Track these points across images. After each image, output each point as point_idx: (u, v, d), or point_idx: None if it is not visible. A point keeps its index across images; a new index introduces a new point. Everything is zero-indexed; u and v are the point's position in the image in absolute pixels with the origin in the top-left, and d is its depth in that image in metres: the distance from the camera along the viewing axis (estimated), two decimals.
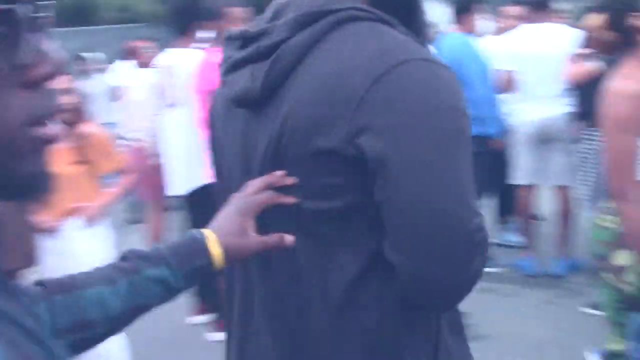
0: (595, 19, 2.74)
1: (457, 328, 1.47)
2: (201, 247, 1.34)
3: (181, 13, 4.89)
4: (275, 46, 1.34)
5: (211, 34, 4.88)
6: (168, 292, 1.32)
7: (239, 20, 4.12)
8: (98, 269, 1.32)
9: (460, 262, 1.27)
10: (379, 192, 1.26)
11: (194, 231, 1.38)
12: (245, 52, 1.41)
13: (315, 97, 1.28)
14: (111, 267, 1.32)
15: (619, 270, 2.60)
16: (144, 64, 6.81)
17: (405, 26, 1.37)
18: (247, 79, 1.38)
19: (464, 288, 1.31)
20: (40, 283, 1.26)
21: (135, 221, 8.66)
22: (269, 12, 1.45)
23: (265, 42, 1.37)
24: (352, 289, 1.33)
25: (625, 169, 2.34)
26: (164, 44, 5.68)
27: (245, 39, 1.43)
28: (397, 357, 1.36)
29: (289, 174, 1.33)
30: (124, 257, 1.33)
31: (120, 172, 4.37)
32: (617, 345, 2.82)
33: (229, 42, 1.50)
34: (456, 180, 1.25)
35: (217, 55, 3.95)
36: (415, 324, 1.37)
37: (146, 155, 6.01)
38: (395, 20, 1.36)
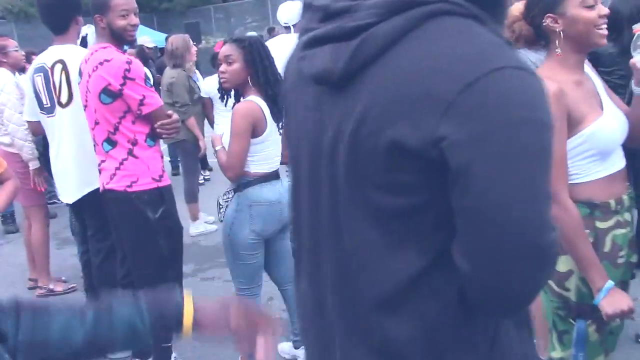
0: (516, 9, 2.74)
1: (522, 322, 1.48)
2: (176, 309, 1.44)
3: (59, 7, 4.57)
4: (362, 29, 1.29)
5: (89, 29, 4.64)
6: (133, 335, 1.36)
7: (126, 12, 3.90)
8: (73, 301, 1.38)
9: (527, 277, 1.27)
10: (457, 199, 1.25)
11: (175, 293, 1.46)
12: (327, 28, 1.36)
13: (402, 92, 1.24)
14: (86, 301, 1.40)
15: (561, 276, 2.60)
16: (12, 65, 6.41)
17: (491, 16, 1.33)
18: (328, 58, 1.34)
19: (526, 300, 1.33)
20: (14, 300, 1.34)
21: (10, 231, 8.32)
22: None
23: (350, 22, 1.32)
24: (414, 282, 1.33)
25: (554, 171, 2.34)
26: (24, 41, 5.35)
27: (327, 13, 1.39)
28: (454, 346, 1.37)
29: (361, 164, 1.32)
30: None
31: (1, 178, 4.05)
32: (557, 354, 2.82)
33: (309, 12, 1.46)
34: (535, 196, 1.23)
35: (106, 52, 3.85)
36: (473, 317, 1.37)
37: (22, 160, 5.72)
38: (486, 15, 1.31)
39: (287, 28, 6.08)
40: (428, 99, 1.21)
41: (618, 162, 2.63)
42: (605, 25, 2.55)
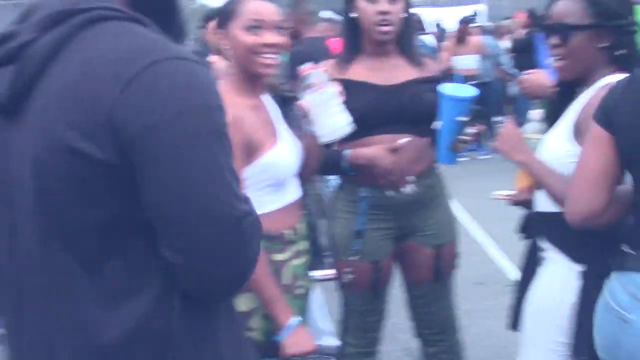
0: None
1: (233, 323, 1.54)
2: None
3: None
4: (22, 48, 1.29)
5: None
6: None
7: None
8: None
9: (233, 248, 1.33)
10: (147, 195, 1.28)
11: None
12: None
13: (70, 102, 1.25)
14: None
15: (243, 316, 2.39)
16: None
17: (162, 27, 1.38)
18: None
19: (242, 273, 1.38)
20: None
21: None
22: (21, 14, 1.38)
23: (12, 44, 1.31)
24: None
25: None
26: None
27: None
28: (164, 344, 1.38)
29: (52, 184, 1.30)
30: None
31: None
32: None
33: None
34: (217, 173, 1.30)
35: None
36: (184, 314, 1.39)
37: None
38: (148, 19, 1.35)
39: None
40: (94, 105, 1.23)
41: (293, 192, 2.62)
42: (271, 55, 2.47)
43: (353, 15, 2.93)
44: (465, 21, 11.60)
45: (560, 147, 2.40)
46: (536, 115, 2.78)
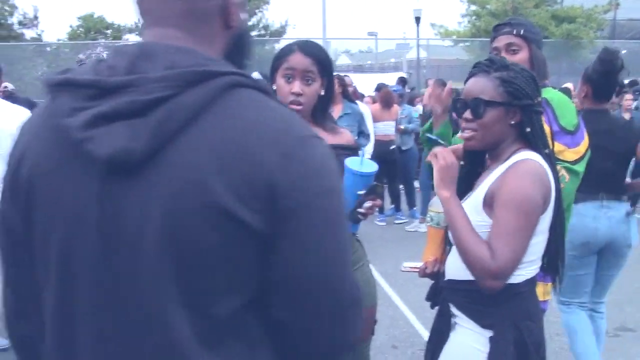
0: None
1: None
2: None
3: None
4: (155, 103, 1.25)
5: None
6: None
7: None
8: None
9: (348, 327, 1.40)
10: (281, 265, 1.31)
11: None
12: (114, 104, 1.26)
13: (220, 166, 1.25)
14: None
15: None
16: None
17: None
18: (126, 136, 1.24)
19: (346, 348, 1.44)
20: None
21: None
22: (116, 60, 1.33)
23: (140, 96, 1.25)
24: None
25: None
26: None
27: (101, 89, 1.28)
28: None
29: (185, 241, 1.26)
30: None
31: None
32: None
33: (66, 91, 1.32)
34: (348, 254, 1.41)
35: None
36: None
37: None
38: (270, 88, 1.42)
39: None
40: (253, 171, 1.25)
41: None
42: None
43: (274, 87, 3.06)
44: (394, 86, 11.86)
45: (472, 218, 2.50)
46: None
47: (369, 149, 9.31)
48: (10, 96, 8.42)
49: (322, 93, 3.07)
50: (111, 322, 1.32)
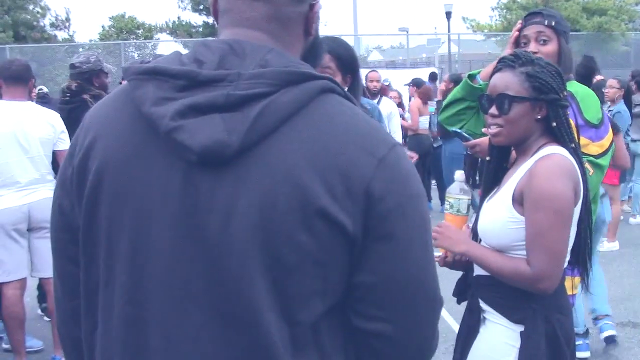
0: None
1: None
2: None
3: None
4: (251, 98, 1.25)
5: None
6: None
7: None
8: None
9: (432, 326, 1.43)
10: (369, 269, 1.32)
11: None
12: (209, 96, 1.26)
13: (318, 166, 1.26)
14: None
15: None
16: None
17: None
18: (220, 129, 1.24)
19: (430, 352, 1.45)
20: None
21: None
22: (204, 55, 1.33)
23: (235, 90, 1.26)
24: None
25: None
26: None
27: (194, 81, 1.28)
28: None
29: (282, 240, 1.26)
30: None
31: None
32: None
33: (154, 80, 1.31)
34: (433, 256, 1.41)
35: None
36: None
37: None
38: (352, 97, 1.43)
39: None
40: (352, 174, 1.27)
41: None
42: None
43: None
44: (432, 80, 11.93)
45: (501, 214, 2.52)
46: (460, 176, 2.88)
47: None
48: (43, 98, 8.50)
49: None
50: (190, 324, 1.29)
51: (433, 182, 11.58)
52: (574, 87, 3.22)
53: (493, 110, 2.57)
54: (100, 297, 1.39)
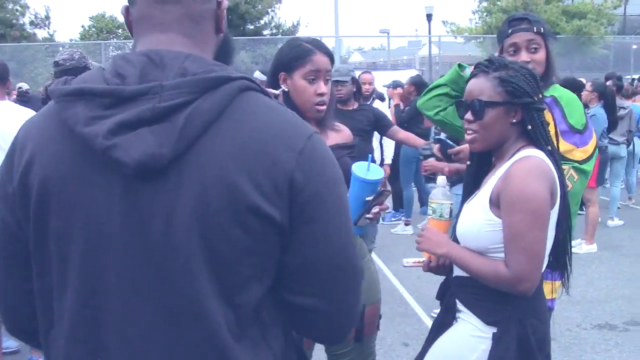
0: None
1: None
2: None
3: None
4: (174, 108, 1.33)
5: None
6: None
7: None
8: None
9: (356, 295, 1.56)
10: (297, 251, 1.45)
11: None
12: (135, 111, 1.33)
13: (245, 165, 1.36)
14: None
15: None
16: None
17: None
18: (152, 142, 1.32)
19: (354, 321, 1.58)
20: None
21: None
22: (125, 69, 1.39)
23: (159, 102, 1.33)
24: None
25: None
26: None
27: (119, 98, 1.35)
28: None
29: (218, 236, 1.36)
30: None
31: None
32: None
33: (82, 101, 1.37)
34: (351, 233, 1.52)
35: None
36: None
37: None
38: (266, 90, 1.51)
39: None
40: (276, 169, 1.37)
41: None
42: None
43: (284, 87, 3.05)
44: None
45: (479, 217, 2.54)
46: (442, 181, 2.90)
47: (389, 152, 9.32)
48: (24, 96, 8.43)
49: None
50: (143, 321, 1.40)
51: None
52: (558, 91, 3.21)
53: (468, 116, 2.60)
54: (55, 302, 1.48)
